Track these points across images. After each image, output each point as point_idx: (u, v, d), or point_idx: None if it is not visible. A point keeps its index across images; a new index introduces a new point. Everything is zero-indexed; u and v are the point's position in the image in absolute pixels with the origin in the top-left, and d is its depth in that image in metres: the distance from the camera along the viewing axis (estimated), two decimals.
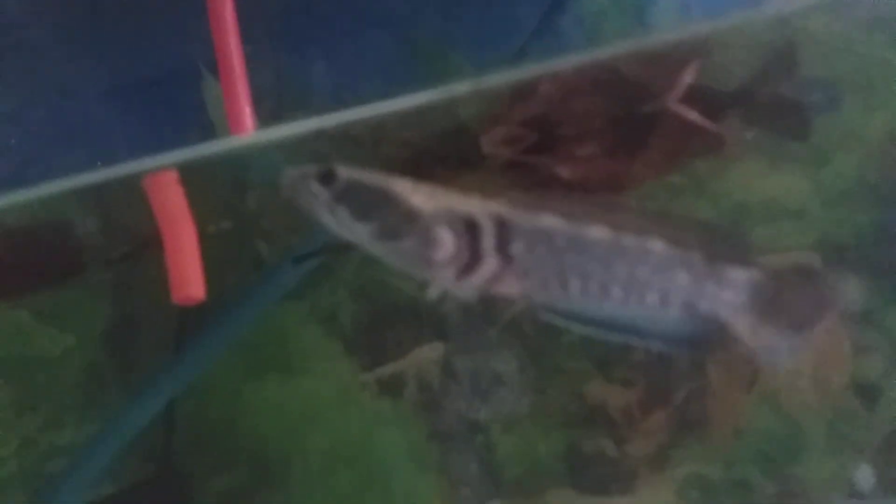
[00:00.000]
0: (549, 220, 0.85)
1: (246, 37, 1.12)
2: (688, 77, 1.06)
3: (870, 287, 1.20)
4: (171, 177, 1.17)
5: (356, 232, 0.89)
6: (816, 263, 0.99)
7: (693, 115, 1.06)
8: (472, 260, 0.87)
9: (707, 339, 0.88)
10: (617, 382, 1.26)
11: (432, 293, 0.91)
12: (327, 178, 0.89)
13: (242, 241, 1.28)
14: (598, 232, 0.83)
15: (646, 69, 1.05)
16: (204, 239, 1.16)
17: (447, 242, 0.86)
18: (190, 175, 1.17)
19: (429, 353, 1.28)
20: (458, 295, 0.90)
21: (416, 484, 1.27)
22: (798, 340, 0.90)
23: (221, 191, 1.28)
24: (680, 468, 1.25)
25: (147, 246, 1.22)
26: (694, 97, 1.08)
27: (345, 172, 0.90)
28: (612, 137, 1.05)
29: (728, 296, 0.85)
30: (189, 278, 1.15)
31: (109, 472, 1.23)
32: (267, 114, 1.16)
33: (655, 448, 1.25)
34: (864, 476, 1.21)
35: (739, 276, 0.85)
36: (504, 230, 0.86)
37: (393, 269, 1.28)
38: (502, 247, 0.86)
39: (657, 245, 0.84)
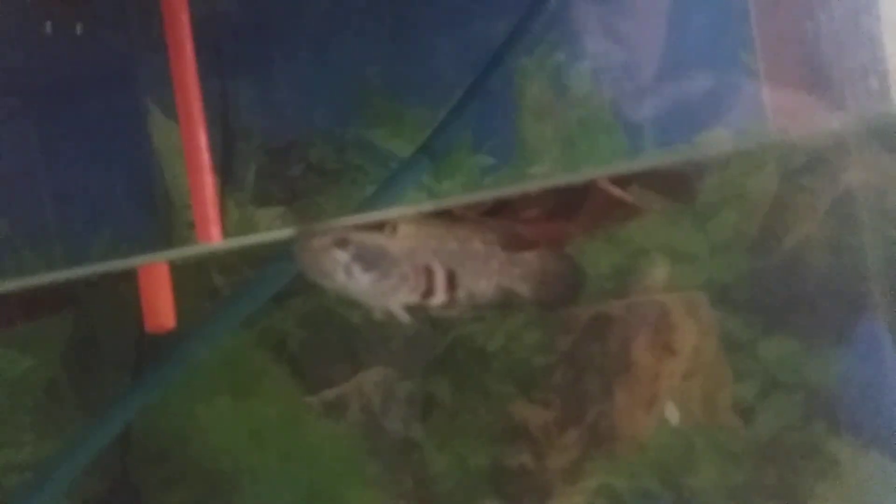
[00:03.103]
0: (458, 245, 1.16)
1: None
2: None
3: (747, 321, 1.43)
4: None
5: (362, 282, 1.10)
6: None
7: (616, 191, 1.32)
8: (427, 291, 1.13)
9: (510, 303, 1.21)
10: (537, 403, 1.42)
11: (399, 316, 1.13)
12: (343, 244, 1.08)
13: (199, 273, 1.38)
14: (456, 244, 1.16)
15: None
16: None
17: (412, 280, 1.12)
18: None
19: (371, 378, 1.40)
20: (404, 320, 1.13)
21: (357, 499, 1.38)
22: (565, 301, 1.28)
23: None
24: (591, 480, 1.41)
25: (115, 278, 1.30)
26: None
27: (353, 236, 1.10)
28: (551, 204, 1.31)
29: (517, 271, 1.17)
30: (161, 308, 1.24)
31: (67, 491, 1.27)
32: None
33: (570, 462, 1.42)
34: (672, 412, 1.43)
35: (525, 258, 1.18)
36: (451, 274, 1.13)
37: (340, 300, 1.41)
38: (451, 286, 1.14)
39: (477, 245, 1.15)
